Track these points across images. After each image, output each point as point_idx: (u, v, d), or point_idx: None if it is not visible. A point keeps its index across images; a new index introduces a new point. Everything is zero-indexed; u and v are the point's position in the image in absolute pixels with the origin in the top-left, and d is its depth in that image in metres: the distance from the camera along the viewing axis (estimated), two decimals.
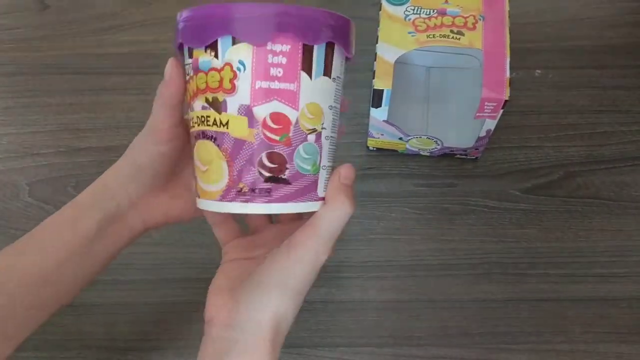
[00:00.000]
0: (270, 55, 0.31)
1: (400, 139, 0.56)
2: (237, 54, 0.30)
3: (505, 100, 0.48)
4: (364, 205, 0.57)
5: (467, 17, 0.51)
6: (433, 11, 0.52)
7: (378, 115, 0.53)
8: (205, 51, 0.31)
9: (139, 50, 0.67)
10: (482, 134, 0.53)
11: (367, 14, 0.68)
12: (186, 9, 0.32)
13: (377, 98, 0.50)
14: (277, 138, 0.31)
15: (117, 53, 0.67)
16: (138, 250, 0.55)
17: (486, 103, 0.48)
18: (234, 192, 0.32)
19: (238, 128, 0.31)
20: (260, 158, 0.31)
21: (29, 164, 0.60)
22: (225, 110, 0.31)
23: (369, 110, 0.54)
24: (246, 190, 0.32)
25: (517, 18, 0.55)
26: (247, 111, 0.31)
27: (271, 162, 0.31)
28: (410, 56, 0.53)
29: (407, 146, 0.57)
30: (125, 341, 0.52)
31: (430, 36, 0.51)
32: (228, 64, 0.31)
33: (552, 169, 0.59)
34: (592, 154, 0.59)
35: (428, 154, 0.59)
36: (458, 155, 0.59)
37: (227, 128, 0.31)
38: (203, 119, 0.32)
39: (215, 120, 0.31)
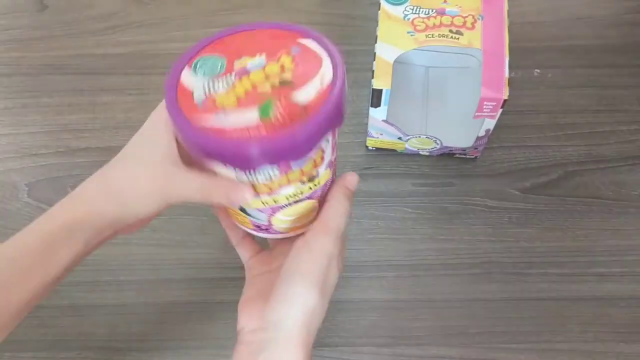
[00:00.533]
0: None
1: (400, 138, 0.56)
2: (325, 138, 0.34)
3: (504, 100, 0.48)
4: (363, 205, 0.57)
5: (466, 16, 0.51)
6: (432, 11, 0.52)
7: (377, 114, 0.53)
8: None
9: (137, 50, 0.67)
10: (481, 133, 0.53)
11: (366, 13, 0.68)
12: (285, 135, 0.30)
13: (376, 98, 0.50)
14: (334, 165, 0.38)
15: (115, 53, 0.67)
16: (138, 251, 0.55)
17: (485, 102, 0.48)
18: None
19: (326, 178, 0.37)
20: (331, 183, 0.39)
21: (28, 165, 0.60)
22: (318, 176, 0.36)
23: (368, 109, 0.54)
24: None
25: (516, 17, 0.55)
26: (330, 164, 0.36)
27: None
28: (410, 56, 0.53)
29: (407, 146, 0.57)
30: (125, 341, 0.52)
31: (430, 36, 0.51)
32: (321, 149, 0.34)
33: (551, 169, 0.59)
34: (591, 154, 0.59)
35: (427, 154, 0.59)
36: (457, 155, 0.59)
37: (319, 184, 0.36)
38: (296, 194, 0.35)
39: (310, 187, 0.36)
